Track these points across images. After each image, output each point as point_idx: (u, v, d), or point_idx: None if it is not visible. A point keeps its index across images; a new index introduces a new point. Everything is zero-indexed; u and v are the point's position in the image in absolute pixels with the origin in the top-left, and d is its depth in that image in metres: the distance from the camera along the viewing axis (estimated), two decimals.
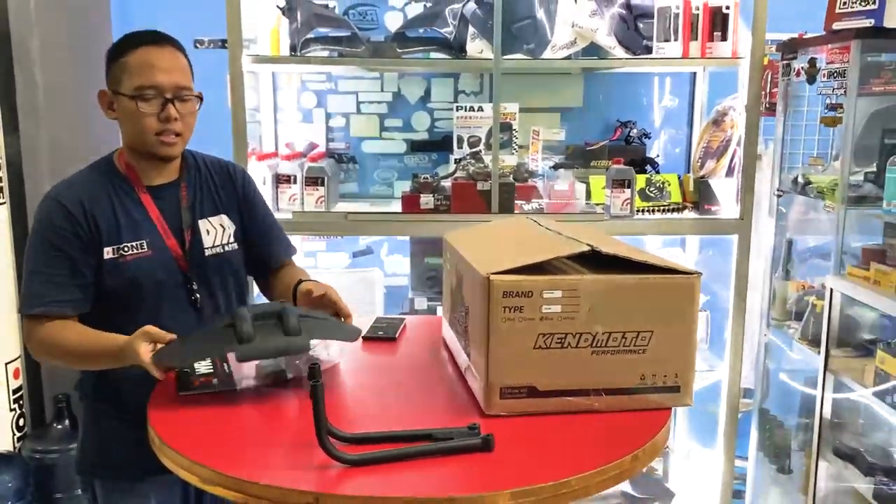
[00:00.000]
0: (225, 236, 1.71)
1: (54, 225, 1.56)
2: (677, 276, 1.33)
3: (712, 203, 2.71)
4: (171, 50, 1.61)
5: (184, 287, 1.64)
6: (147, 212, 1.63)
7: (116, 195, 1.61)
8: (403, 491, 1.06)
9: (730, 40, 2.58)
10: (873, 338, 2.25)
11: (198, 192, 1.71)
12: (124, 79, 1.57)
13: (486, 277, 1.25)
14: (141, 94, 1.56)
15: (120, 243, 1.58)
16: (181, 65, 1.62)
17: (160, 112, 1.57)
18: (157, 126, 1.58)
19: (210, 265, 1.67)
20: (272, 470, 1.12)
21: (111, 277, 1.58)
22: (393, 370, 1.58)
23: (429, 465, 1.13)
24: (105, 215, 1.59)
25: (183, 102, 1.60)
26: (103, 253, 1.57)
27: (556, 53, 2.70)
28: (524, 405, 1.29)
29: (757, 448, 2.84)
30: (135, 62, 1.57)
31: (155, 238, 1.62)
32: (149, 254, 1.60)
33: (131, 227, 1.60)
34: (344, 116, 3.03)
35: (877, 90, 2.50)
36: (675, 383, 1.36)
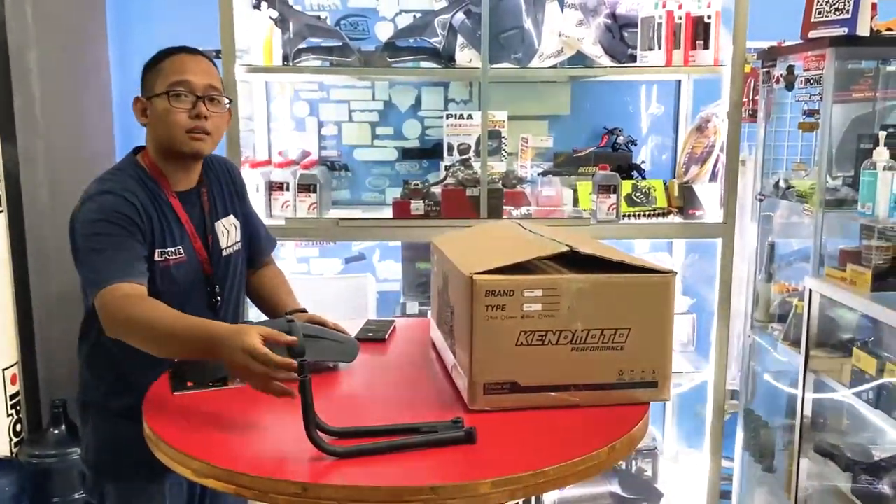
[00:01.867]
0: (235, 235, 1.79)
1: (122, 212, 1.56)
2: (653, 275, 1.38)
3: (696, 208, 2.77)
4: (203, 59, 1.68)
5: (205, 289, 1.70)
6: (179, 217, 1.67)
7: (154, 201, 1.64)
8: (388, 481, 1.11)
9: (712, 48, 2.64)
10: (851, 337, 2.31)
11: (213, 197, 1.77)
12: (158, 81, 1.63)
13: (469, 277, 1.30)
14: (174, 90, 1.61)
15: (164, 247, 1.63)
16: (213, 71, 1.68)
17: (191, 109, 1.61)
18: (188, 122, 1.61)
19: (226, 265, 1.74)
20: (262, 462, 1.17)
21: (154, 279, 1.59)
22: (382, 369, 1.63)
23: (413, 456, 1.18)
24: (153, 219, 1.62)
25: (213, 103, 1.64)
26: (155, 254, 1.61)
27: (543, 62, 2.76)
28: (507, 400, 1.34)
29: (743, 448, 2.89)
30: (169, 66, 1.64)
31: (187, 244, 1.67)
32: (184, 259, 1.65)
33: (171, 232, 1.65)
34: (336, 125, 3.08)
35: (857, 97, 2.57)
36: (652, 379, 1.41)
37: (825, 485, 2.38)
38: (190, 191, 1.72)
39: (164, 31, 3.00)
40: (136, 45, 3.04)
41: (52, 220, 3.01)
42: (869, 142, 2.23)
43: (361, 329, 1.82)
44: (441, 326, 1.61)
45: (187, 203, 1.70)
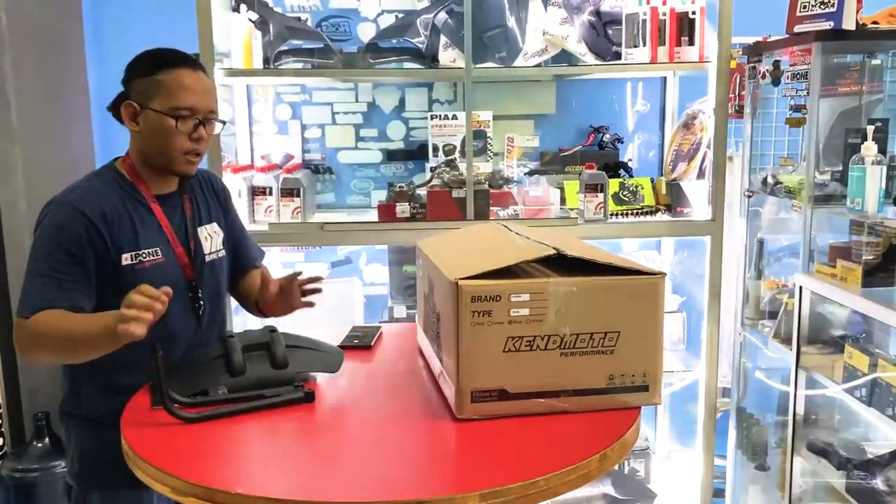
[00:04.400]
0: (217, 243, 1.80)
1: (72, 231, 1.57)
2: (642, 277, 1.35)
3: (684, 205, 2.75)
4: (202, 75, 1.68)
5: (187, 293, 1.69)
6: (158, 221, 1.68)
7: (130, 203, 1.65)
8: (374, 496, 1.07)
9: (697, 45, 2.62)
10: (843, 334, 2.29)
11: (196, 202, 1.78)
12: (158, 96, 1.62)
13: (454, 283, 1.27)
14: (178, 114, 1.61)
15: (138, 249, 1.63)
16: (213, 90, 1.70)
17: (192, 132, 1.63)
18: (187, 146, 1.64)
19: (208, 271, 1.75)
20: (244, 479, 1.13)
21: (128, 282, 1.55)
22: (368, 378, 1.59)
23: (398, 464, 1.15)
24: (123, 223, 1.62)
25: (210, 125, 1.67)
26: (121, 259, 1.60)
27: (527, 61, 2.74)
28: (495, 408, 1.31)
29: (735, 447, 2.87)
30: (172, 82, 1.62)
31: (165, 246, 1.67)
32: (161, 260, 1.65)
33: (147, 235, 1.65)
34: (319, 127, 3.05)
35: (843, 91, 2.56)
36: (643, 383, 1.38)
37: (818, 482, 2.37)
38: (171, 195, 1.72)
39: (141, 35, 2.95)
40: (114, 49, 3.00)
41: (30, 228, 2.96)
42: (857, 136, 2.21)
43: (347, 336, 1.79)
44: (427, 332, 1.58)
45: (167, 207, 1.70)
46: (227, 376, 1.45)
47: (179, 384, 1.42)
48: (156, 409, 1.38)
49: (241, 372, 1.45)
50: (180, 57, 1.68)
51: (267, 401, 1.38)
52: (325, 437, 1.29)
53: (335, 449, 1.24)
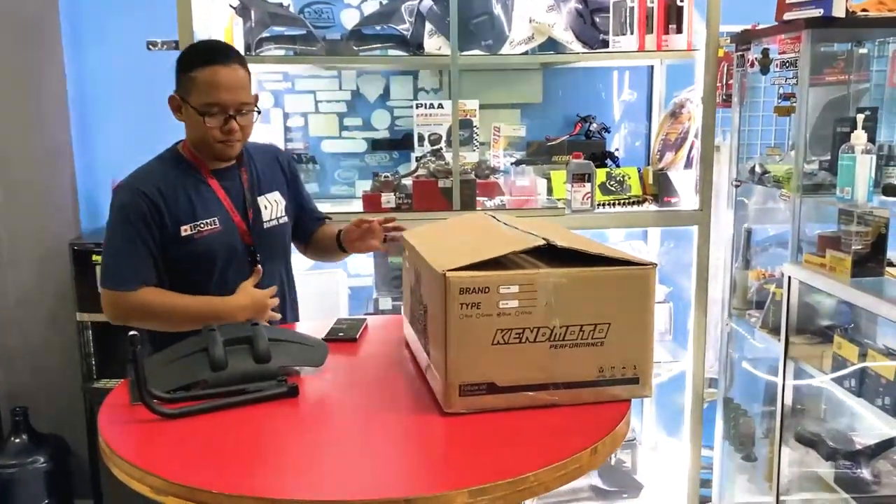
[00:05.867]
0: (279, 210, 1.95)
1: (136, 209, 1.77)
2: (632, 268, 1.33)
3: (672, 195, 2.73)
4: (234, 67, 1.78)
5: (247, 258, 1.86)
6: (215, 193, 1.85)
7: (187, 180, 1.83)
8: (360, 494, 1.04)
9: (685, 33, 2.60)
10: (831, 324, 2.28)
11: (255, 174, 1.93)
12: (192, 92, 1.77)
13: (442, 274, 1.23)
14: (208, 111, 1.76)
15: (195, 221, 1.80)
16: (243, 81, 1.80)
17: (223, 125, 1.77)
18: (220, 136, 1.79)
19: (268, 236, 1.91)
20: (225, 477, 1.09)
21: (189, 250, 1.80)
22: (353, 371, 1.56)
23: (384, 461, 1.12)
24: (180, 198, 1.81)
25: (244, 115, 1.80)
26: (180, 231, 1.79)
27: (514, 49, 2.70)
28: (484, 402, 1.28)
29: (723, 437, 2.87)
30: (203, 80, 1.76)
31: (224, 215, 1.84)
32: (220, 229, 1.82)
33: (204, 206, 1.82)
34: (302, 116, 3.00)
35: (830, 80, 2.54)
36: (633, 375, 1.35)
37: (805, 472, 2.36)
38: (228, 168, 1.88)
39: (120, 23, 2.91)
40: (92, 37, 2.94)
41: (7, 221, 2.91)
42: (846, 125, 2.20)
43: (331, 329, 1.75)
44: (414, 325, 1.54)
45: (225, 179, 1.87)
46: (208, 371, 1.40)
47: (159, 379, 1.37)
48: (135, 406, 1.34)
49: (222, 366, 1.41)
50: (216, 52, 1.80)
51: (249, 396, 1.35)
52: (310, 432, 1.26)
53: (320, 445, 1.21)
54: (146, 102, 2.96)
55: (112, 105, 2.98)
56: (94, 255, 2.72)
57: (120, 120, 2.98)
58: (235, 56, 1.81)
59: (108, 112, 2.98)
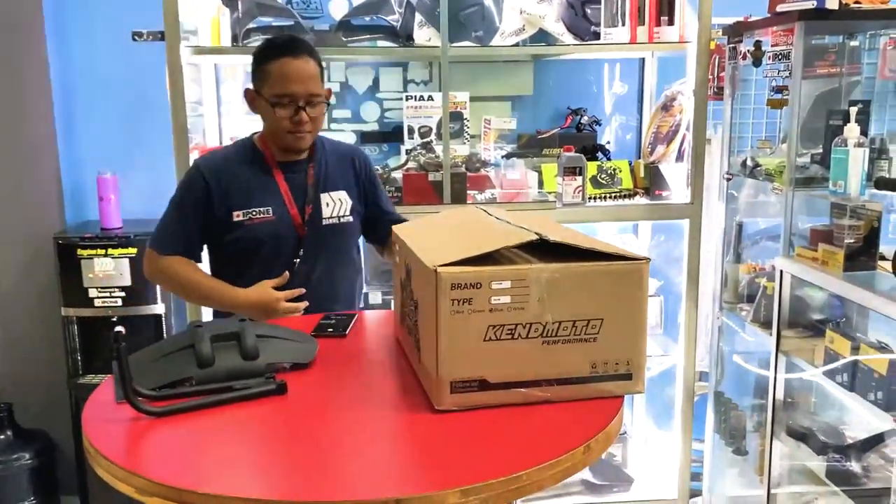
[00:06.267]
0: (342, 209, 1.99)
1: (193, 187, 1.91)
2: (626, 263, 1.31)
3: (663, 188, 2.72)
4: (305, 59, 1.86)
5: (296, 251, 1.92)
6: (277, 185, 1.92)
7: (253, 168, 1.93)
8: (350, 495, 1.02)
9: (677, 25, 2.58)
10: (823, 318, 2.28)
11: (323, 171, 1.98)
12: (265, 84, 1.87)
13: (433, 270, 1.21)
14: (278, 101, 1.84)
15: (249, 208, 1.90)
16: (313, 73, 1.87)
17: (293, 116, 1.84)
18: (290, 127, 1.86)
19: (325, 233, 1.95)
20: (212, 477, 1.07)
21: (239, 236, 1.90)
22: (343, 368, 1.53)
23: (374, 460, 1.10)
24: (238, 184, 1.91)
25: (313, 106, 1.87)
26: (232, 216, 1.89)
27: (504, 40, 2.68)
28: (475, 399, 1.26)
29: (714, 430, 2.86)
30: (275, 71, 1.85)
31: (280, 206, 1.91)
32: (272, 219, 1.90)
33: (261, 196, 1.91)
34: None
35: (822, 72, 2.53)
36: (626, 371, 1.34)
37: (796, 465, 2.36)
38: (298, 162, 1.96)
39: (104, 13, 2.86)
40: (76, 28, 2.89)
41: None
42: (838, 118, 2.19)
43: (320, 324, 1.73)
44: (405, 320, 1.52)
45: (291, 172, 1.94)
46: (194, 368, 1.38)
47: (145, 377, 1.35)
48: (120, 404, 1.31)
49: (209, 363, 1.38)
50: (287, 45, 1.89)
51: (237, 393, 1.32)
52: (298, 431, 1.23)
53: (308, 444, 1.18)
54: (132, 94, 2.93)
55: (97, 97, 2.93)
56: (79, 249, 2.68)
57: (105, 112, 2.94)
58: (307, 49, 1.88)
59: (93, 104, 2.94)
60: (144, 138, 2.93)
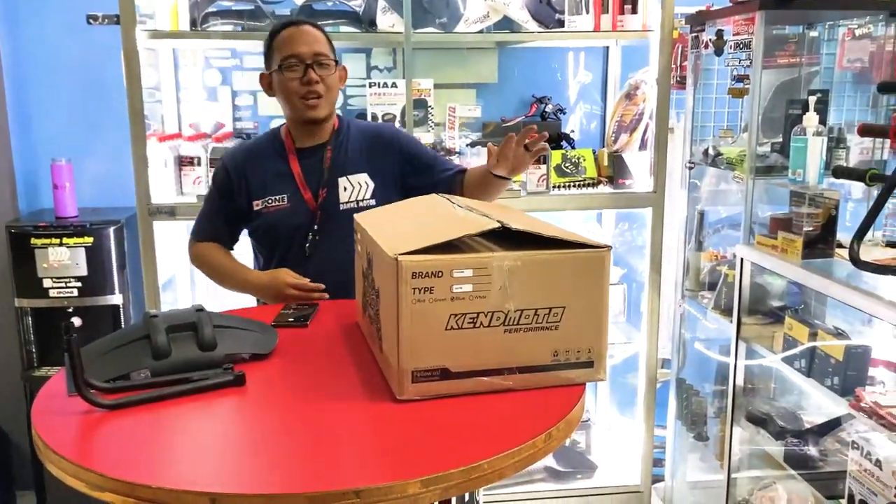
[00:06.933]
0: (362, 193, 1.97)
1: (219, 180, 2.01)
2: (588, 251, 1.30)
3: (626, 177, 2.73)
4: (308, 27, 1.92)
5: (311, 236, 1.94)
6: (291, 170, 1.95)
7: (273, 157, 1.98)
8: (307, 486, 1.00)
9: (640, 13, 2.59)
10: (782, 305, 2.31)
11: (342, 153, 1.98)
12: (274, 58, 1.91)
13: (394, 258, 1.20)
14: (286, 64, 1.88)
15: (266, 196, 1.95)
16: (318, 37, 1.92)
17: (302, 76, 1.86)
18: (300, 89, 1.88)
19: (342, 217, 1.89)
20: (167, 472, 1.05)
21: (259, 224, 1.97)
22: (303, 358, 1.51)
23: (335, 451, 1.08)
24: (259, 174, 1.97)
25: (322, 67, 1.89)
26: (253, 205, 1.96)
27: (469, 27, 2.66)
28: (437, 388, 1.25)
29: (675, 417, 2.90)
30: (279, 42, 1.91)
31: (294, 192, 1.95)
32: (286, 206, 1.94)
33: (277, 183, 1.95)
34: (251, 94, 2.91)
35: (782, 62, 2.56)
36: (588, 358, 1.34)
37: (755, 450, 2.40)
38: (315, 147, 1.97)
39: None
40: (27, 9, 2.80)
41: None
42: (798, 107, 2.21)
43: (280, 314, 1.70)
44: (366, 309, 1.50)
45: (306, 158, 1.97)
46: (149, 359, 1.34)
47: (97, 368, 1.31)
48: (71, 397, 1.28)
49: (165, 354, 1.35)
50: (288, 21, 1.95)
51: (193, 385, 1.29)
52: (257, 422, 1.21)
53: (267, 436, 1.16)
54: (87, 79, 2.86)
55: (51, 82, 2.85)
56: (32, 238, 2.61)
57: (59, 97, 2.86)
58: (309, 21, 1.95)
59: (46, 89, 2.86)
60: (100, 124, 2.86)
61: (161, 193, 2.48)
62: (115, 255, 2.62)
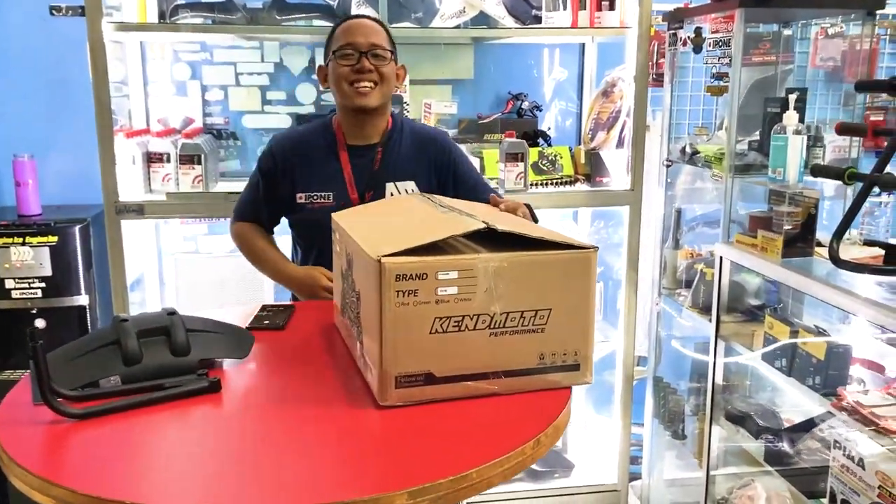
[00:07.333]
0: None
1: (265, 164, 1.98)
2: (574, 252, 1.28)
3: (603, 175, 2.72)
4: (368, 21, 1.93)
5: None
6: (341, 168, 1.93)
7: (323, 150, 1.95)
8: (288, 500, 0.96)
9: (618, 10, 2.57)
10: (759, 303, 2.31)
11: (393, 157, 1.96)
12: (331, 49, 1.90)
13: (377, 260, 1.15)
14: (340, 52, 1.86)
15: (310, 191, 1.93)
16: (377, 30, 1.91)
17: (355, 64, 1.85)
18: (351, 75, 1.85)
19: None
20: (138, 485, 0.99)
21: (300, 217, 1.95)
22: (281, 363, 1.46)
23: (316, 462, 1.04)
24: (306, 165, 1.94)
25: (377, 58, 1.86)
26: (296, 197, 1.94)
27: (445, 22, 2.61)
28: (421, 393, 1.21)
29: (653, 415, 2.89)
30: (339, 31, 1.90)
31: (341, 191, 1.92)
32: (331, 204, 1.89)
33: (324, 179, 1.92)
34: (222, 89, 2.84)
35: (756, 60, 2.56)
36: (574, 361, 1.32)
37: (733, 447, 2.40)
38: (368, 146, 1.95)
39: None
40: None
41: None
42: (776, 105, 2.21)
43: (256, 317, 1.65)
44: (346, 312, 1.46)
45: (357, 156, 1.94)
46: (120, 365, 1.29)
47: (65, 376, 1.25)
48: (37, 406, 1.22)
49: (136, 360, 1.29)
50: (351, 15, 1.99)
51: (167, 392, 1.23)
52: (234, 432, 1.16)
53: (245, 446, 1.12)
54: (51, 72, 2.76)
55: (13, 75, 2.76)
56: None
57: (22, 91, 2.77)
58: (372, 17, 1.96)
59: (8, 82, 2.76)
60: (64, 119, 2.77)
61: (129, 191, 2.40)
62: (80, 255, 2.53)
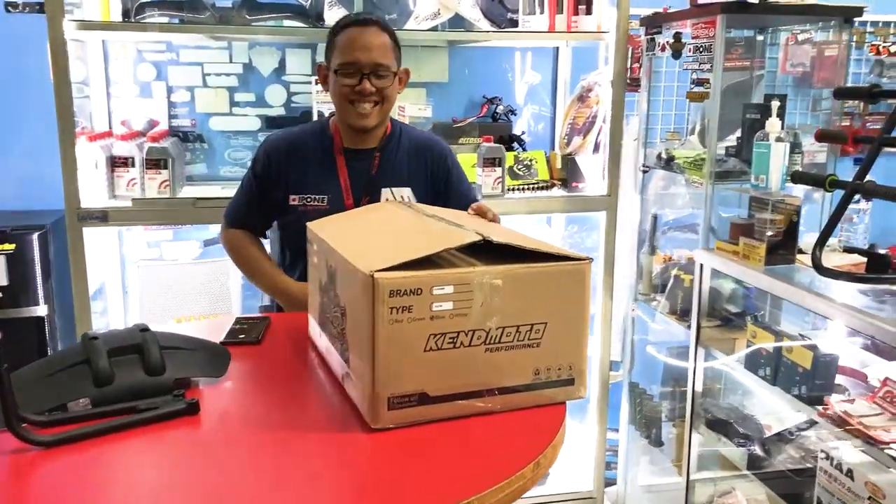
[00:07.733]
0: None
1: (259, 165, 1.92)
2: (569, 263, 1.24)
3: (579, 180, 2.69)
4: (375, 30, 1.82)
5: None
6: (337, 171, 1.89)
7: (319, 152, 1.90)
8: None
9: (594, 14, 2.54)
10: (737, 310, 2.30)
11: (391, 162, 1.92)
12: (333, 56, 1.84)
13: (370, 276, 1.09)
14: (342, 70, 1.80)
15: (304, 193, 1.88)
16: (382, 43, 1.82)
17: (356, 85, 1.79)
18: (352, 95, 1.80)
19: None
20: None
21: (292, 220, 1.88)
22: (260, 381, 1.39)
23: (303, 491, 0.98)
24: (301, 167, 1.88)
25: (379, 78, 1.81)
26: (289, 199, 1.88)
27: (419, 24, 2.56)
28: (415, 414, 1.16)
29: (628, 421, 2.88)
30: (341, 42, 1.82)
31: (336, 195, 1.88)
32: (325, 208, 1.86)
33: (319, 182, 1.88)
34: (188, 90, 2.75)
35: (729, 66, 2.55)
36: (569, 376, 1.28)
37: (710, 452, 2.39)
38: (364, 150, 1.91)
39: None
40: None
41: None
42: (755, 112, 2.20)
43: (230, 330, 1.58)
44: (325, 327, 1.39)
45: (355, 160, 1.90)
46: (90, 386, 1.20)
47: (31, 398, 1.17)
48: (2, 432, 1.13)
49: (107, 381, 1.21)
50: (358, 17, 1.86)
51: (141, 415, 1.16)
52: (213, 458, 1.09)
53: (225, 473, 1.05)
54: (7, 72, 2.64)
55: None
56: None
57: None
58: (379, 23, 1.84)
59: None
60: (22, 121, 2.65)
61: (91, 197, 2.30)
62: (39, 263, 2.41)
